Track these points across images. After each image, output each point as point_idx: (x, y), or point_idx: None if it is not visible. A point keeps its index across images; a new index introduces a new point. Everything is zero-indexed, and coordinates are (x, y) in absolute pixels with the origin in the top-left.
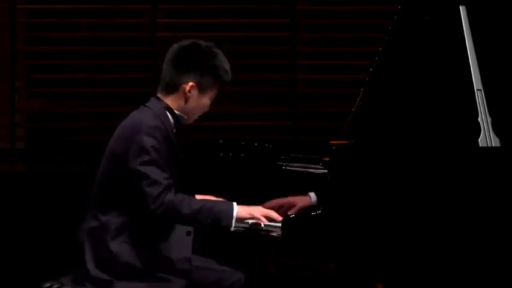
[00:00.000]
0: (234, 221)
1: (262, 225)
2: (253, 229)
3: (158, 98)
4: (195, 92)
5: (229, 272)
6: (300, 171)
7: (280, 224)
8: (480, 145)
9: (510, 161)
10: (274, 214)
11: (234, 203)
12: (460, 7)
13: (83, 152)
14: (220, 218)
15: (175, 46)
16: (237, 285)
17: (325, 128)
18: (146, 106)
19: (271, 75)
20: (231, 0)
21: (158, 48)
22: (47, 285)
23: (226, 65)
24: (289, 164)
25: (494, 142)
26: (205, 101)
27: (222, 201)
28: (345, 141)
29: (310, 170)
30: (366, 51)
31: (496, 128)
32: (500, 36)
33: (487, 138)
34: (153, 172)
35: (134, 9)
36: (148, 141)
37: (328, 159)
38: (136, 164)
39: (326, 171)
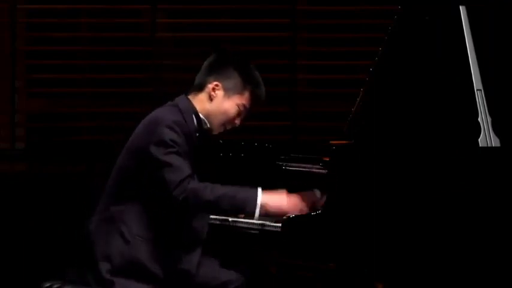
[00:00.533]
0: (258, 209)
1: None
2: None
3: (187, 98)
4: (220, 93)
5: (232, 276)
6: (300, 171)
7: (280, 224)
8: (480, 145)
9: (510, 161)
10: (305, 209)
11: (259, 189)
12: (460, 7)
13: (83, 152)
14: (243, 206)
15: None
16: None
17: (325, 128)
18: (174, 102)
19: (271, 75)
20: (231, 0)
21: (158, 48)
22: (47, 284)
23: (257, 77)
24: (289, 164)
25: (494, 142)
26: (230, 105)
27: (246, 188)
28: (345, 141)
29: (310, 170)
30: (366, 51)
31: (496, 128)
32: (500, 36)
33: (487, 138)
34: (174, 160)
35: (134, 9)
36: (169, 134)
37: (328, 159)
38: (158, 155)
39: (326, 171)
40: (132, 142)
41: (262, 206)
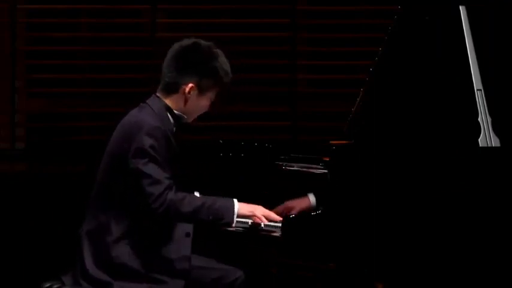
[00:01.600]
0: (235, 217)
1: (262, 225)
2: (254, 229)
3: (158, 97)
4: (194, 93)
5: (229, 270)
6: (300, 171)
7: (280, 224)
8: (480, 145)
9: (510, 161)
10: (274, 216)
11: (235, 200)
12: (460, 7)
13: (83, 152)
14: (221, 215)
15: (175, 46)
16: (237, 284)
17: (325, 128)
18: (146, 104)
19: (271, 75)
20: (231, 0)
21: (158, 48)
22: (47, 285)
23: (227, 67)
24: (289, 164)
25: (494, 142)
26: (205, 102)
27: (222, 198)
28: (345, 141)
29: (310, 170)
30: (366, 51)
31: (496, 128)
32: (500, 36)
33: (487, 138)
34: (154, 171)
35: (134, 9)
36: (149, 142)
37: (328, 159)
38: (137, 164)
39: (326, 171)
40: (112, 149)
41: (238, 215)
